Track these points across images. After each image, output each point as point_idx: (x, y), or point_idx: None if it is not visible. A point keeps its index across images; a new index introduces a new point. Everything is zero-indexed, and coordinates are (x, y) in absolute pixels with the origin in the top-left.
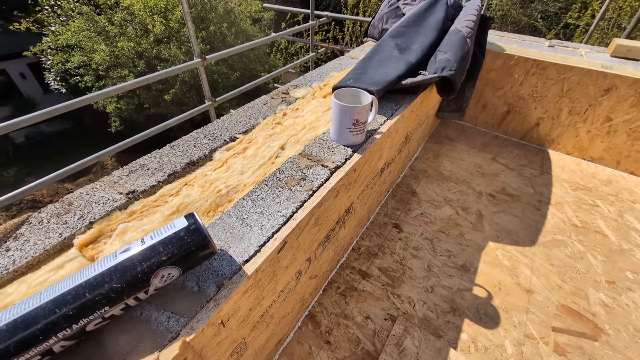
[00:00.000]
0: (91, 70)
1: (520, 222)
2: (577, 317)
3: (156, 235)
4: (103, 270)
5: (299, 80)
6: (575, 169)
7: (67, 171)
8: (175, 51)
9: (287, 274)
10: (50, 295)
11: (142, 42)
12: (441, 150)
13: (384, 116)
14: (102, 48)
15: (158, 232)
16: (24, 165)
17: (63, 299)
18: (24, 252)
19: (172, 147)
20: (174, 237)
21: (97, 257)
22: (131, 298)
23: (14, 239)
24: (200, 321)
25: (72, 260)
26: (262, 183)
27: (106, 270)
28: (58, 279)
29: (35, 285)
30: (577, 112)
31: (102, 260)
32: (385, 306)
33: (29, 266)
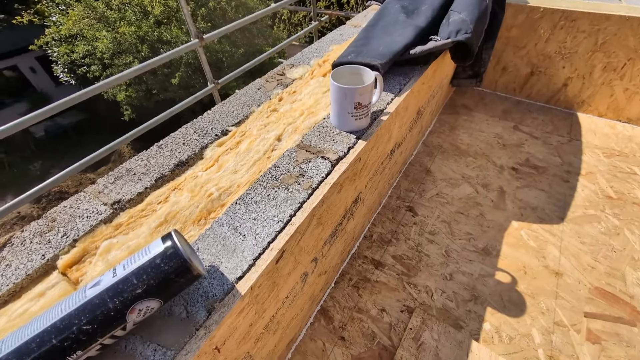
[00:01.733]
0: (97, 60)
1: (547, 197)
2: (613, 300)
3: (130, 264)
4: (71, 310)
5: (295, 58)
6: (609, 132)
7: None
8: (176, 32)
9: (291, 279)
10: (12, 345)
11: (143, 26)
12: (457, 121)
13: (391, 93)
14: (104, 35)
15: (132, 259)
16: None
17: (27, 348)
18: (6, 278)
19: (160, 147)
20: (148, 266)
21: (82, 280)
22: (107, 337)
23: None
24: (189, 353)
25: (54, 286)
26: (257, 183)
27: (74, 310)
28: (38, 309)
29: (15, 317)
30: (612, 68)
31: (70, 298)
32: (401, 297)
33: (10, 294)
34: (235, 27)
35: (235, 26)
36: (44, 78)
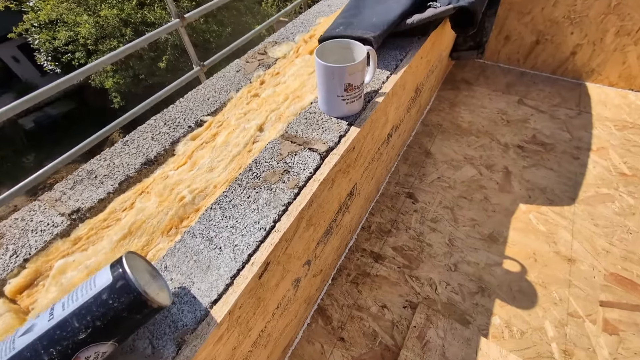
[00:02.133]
0: (80, 46)
1: (556, 177)
2: (630, 286)
3: (70, 302)
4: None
5: (279, 34)
6: (621, 102)
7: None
8: (160, 12)
9: (280, 290)
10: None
11: (125, 8)
12: (457, 97)
13: (387, 70)
14: (85, 19)
15: (74, 295)
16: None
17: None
18: None
19: (125, 144)
20: (93, 303)
21: (33, 308)
22: (88, 352)
23: None
24: None
25: None
26: (235, 183)
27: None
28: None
29: None
30: (626, 32)
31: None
32: (403, 292)
33: None
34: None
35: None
36: (28, 67)
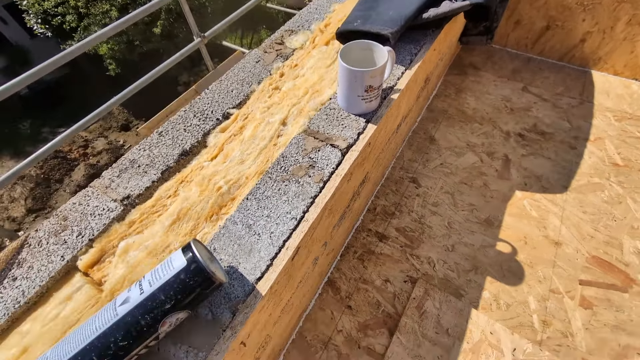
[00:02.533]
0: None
1: (552, 165)
2: (608, 268)
3: (155, 280)
4: (105, 329)
5: (294, 22)
6: (623, 93)
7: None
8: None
9: (304, 267)
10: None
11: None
12: (464, 83)
13: (402, 65)
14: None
15: (156, 274)
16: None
17: (173, 284)
18: (31, 280)
19: (161, 135)
20: (174, 282)
21: (105, 280)
22: (141, 349)
23: (18, 266)
24: (219, 353)
25: (79, 289)
26: (266, 176)
27: (108, 328)
28: (69, 313)
29: (49, 322)
30: (638, 21)
31: (102, 313)
32: (405, 268)
33: (38, 296)
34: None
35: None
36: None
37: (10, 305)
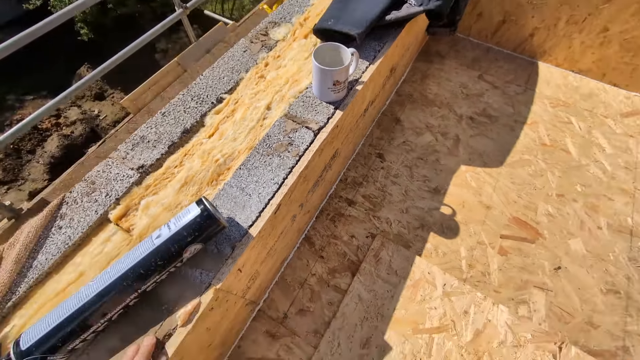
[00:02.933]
0: None
1: (494, 144)
2: (523, 226)
3: (178, 221)
4: (147, 254)
5: (277, 14)
6: (561, 83)
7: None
8: None
9: (284, 221)
10: (117, 273)
11: None
12: (429, 70)
13: (366, 61)
14: None
15: (179, 218)
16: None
17: (126, 275)
18: (74, 228)
19: (164, 115)
20: (192, 224)
21: (132, 228)
22: (171, 268)
23: (60, 218)
24: (224, 273)
25: (114, 234)
26: (254, 151)
27: (149, 254)
28: (110, 249)
29: (95, 255)
30: (574, 21)
31: (143, 244)
32: (367, 227)
33: (81, 239)
34: None
35: None
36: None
37: (61, 245)
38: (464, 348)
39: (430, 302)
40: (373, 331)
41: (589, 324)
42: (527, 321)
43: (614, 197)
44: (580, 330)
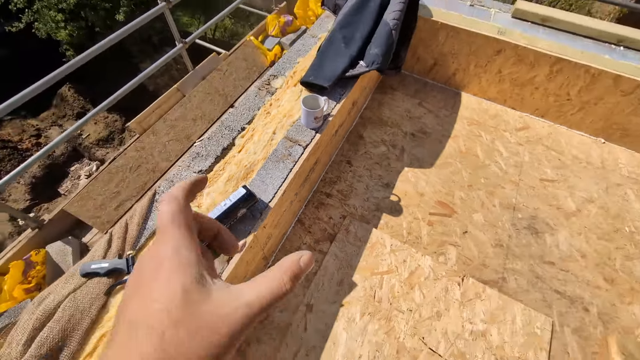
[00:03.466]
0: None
1: (428, 152)
2: (444, 206)
3: (233, 197)
4: (220, 213)
5: (275, 69)
6: (476, 107)
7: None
8: None
9: (286, 202)
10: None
11: None
12: (384, 99)
13: (334, 101)
14: None
15: (234, 195)
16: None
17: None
18: None
19: (210, 139)
20: (241, 198)
21: (200, 205)
22: (242, 210)
23: (155, 202)
24: (256, 228)
25: None
26: (268, 160)
27: (221, 213)
28: None
29: None
30: (480, 66)
31: (217, 209)
32: (340, 211)
33: None
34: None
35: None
36: None
37: None
38: (403, 282)
39: (382, 256)
40: (344, 275)
41: (482, 265)
42: (443, 265)
43: (505, 186)
44: (476, 269)
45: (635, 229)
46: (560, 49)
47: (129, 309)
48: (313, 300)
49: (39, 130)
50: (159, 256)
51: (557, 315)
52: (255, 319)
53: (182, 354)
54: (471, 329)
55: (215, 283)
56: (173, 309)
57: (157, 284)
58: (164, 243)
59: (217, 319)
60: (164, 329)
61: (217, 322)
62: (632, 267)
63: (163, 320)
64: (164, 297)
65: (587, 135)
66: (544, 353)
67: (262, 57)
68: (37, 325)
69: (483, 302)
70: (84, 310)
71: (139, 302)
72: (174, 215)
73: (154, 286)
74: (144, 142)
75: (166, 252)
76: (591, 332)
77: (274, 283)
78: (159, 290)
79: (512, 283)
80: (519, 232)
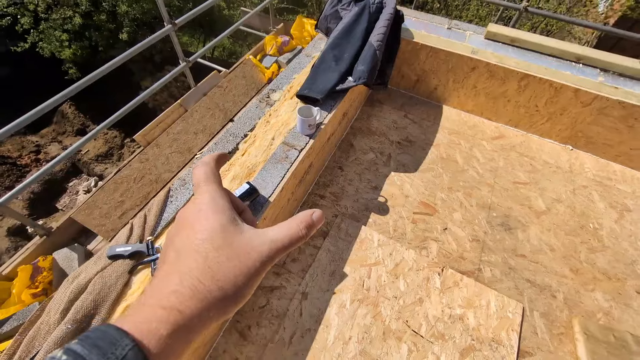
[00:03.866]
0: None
1: (412, 159)
2: (427, 206)
3: (238, 192)
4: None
5: (274, 84)
6: (456, 119)
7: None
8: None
9: (283, 200)
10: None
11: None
12: (372, 111)
13: (326, 111)
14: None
15: (239, 190)
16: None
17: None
18: (178, 202)
19: (216, 144)
20: (246, 191)
21: None
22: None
23: (170, 197)
24: (258, 218)
25: None
26: (268, 162)
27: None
28: None
29: None
30: (457, 81)
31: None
32: (333, 210)
33: None
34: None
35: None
36: None
37: (173, 210)
38: (389, 272)
39: (370, 250)
40: (336, 267)
41: (460, 257)
42: (425, 257)
43: (481, 188)
44: (455, 261)
45: (598, 225)
46: (526, 66)
47: (175, 242)
48: (308, 289)
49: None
50: (198, 203)
51: (527, 302)
52: (278, 254)
53: (221, 272)
54: (450, 313)
55: (245, 225)
56: (215, 237)
57: (199, 223)
58: (201, 194)
59: (249, 248)
60: (207, 252)
61: (250, 251)
62: (595, 259)
63: (206, 246)
64: (207, 231)
65: (556, 142)
66: (515, 334)
67: (260, 75)
68: (71, 297)
69: (460, 290)
70: (111, 285)
71: (183, 236)
72: (207, 174)
73: (197, 224)
74: (147, 154)
75: (203, 200)
76: (557, 315)
77: (292, 229)
78: (201, 225)
79: (488, 273)
80: (493, 228)
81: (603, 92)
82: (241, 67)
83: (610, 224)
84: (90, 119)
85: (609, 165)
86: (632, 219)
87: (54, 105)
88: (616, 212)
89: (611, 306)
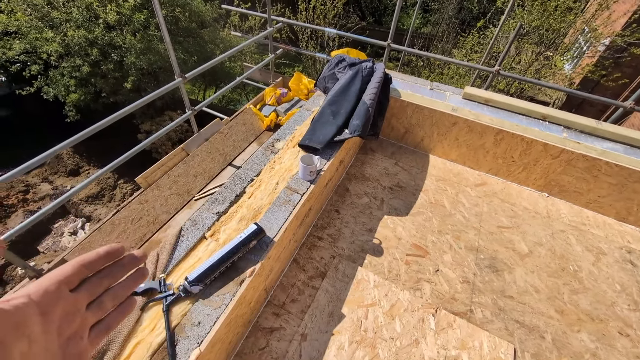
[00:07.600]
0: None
1: (403, 203)
2: (419, 248)
3: (246, 232)
4: (236, 244)
5: (278, 134)
6: (441, 167)
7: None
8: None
9: (285, 241)
10: (225, 250)
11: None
12: (365, 159)
13: (325, 159)
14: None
15: (246, 231)
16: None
17: (230, 252)
18: (189, 241)
19: (225, 187)
20: (254, 232)
21: (218, 239)
22: (253, 242)
23: (182, 237)
24: (262, 258)
25: (210, 243)
26: (272, 204)
27: (237, 244)
28: (209, 250)
29: (203, 252)
30: (441, 134)
31: (233, 242)
32: (330, 252)
33: (194, 246)
34: (214, 64)
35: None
36: None
37: (185, 248)
38: (385, 313)
39: (366, 290)
40: (334, 308)
41: (452, 299)
42: (419, 299)
43: (468, 232)
44: (447, 302)
45: (577, 267)
46: (500, 122)
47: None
48: (307, 330)
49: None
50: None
51: (518, 342)
52: None
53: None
54: (445, 355)
55: None
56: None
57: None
58: None
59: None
60: None
61: None
62: (578, 300)
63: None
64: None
65: (533, 190)
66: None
67: (259, 122)
68: None
69: (454, 331)
70: (123, 322)
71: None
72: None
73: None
74: (147, 195)
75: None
76: (548, 356)
77: None
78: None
79: (479, 314)
80: (482, 270)
81: (568, 146)
82: (242, 115)
83: (589, 267)
84: (85, 159)
85: (582, 212)
86: (608, 262)
87: (60, 150)
88: (592, 255)
89: (597, 347)
